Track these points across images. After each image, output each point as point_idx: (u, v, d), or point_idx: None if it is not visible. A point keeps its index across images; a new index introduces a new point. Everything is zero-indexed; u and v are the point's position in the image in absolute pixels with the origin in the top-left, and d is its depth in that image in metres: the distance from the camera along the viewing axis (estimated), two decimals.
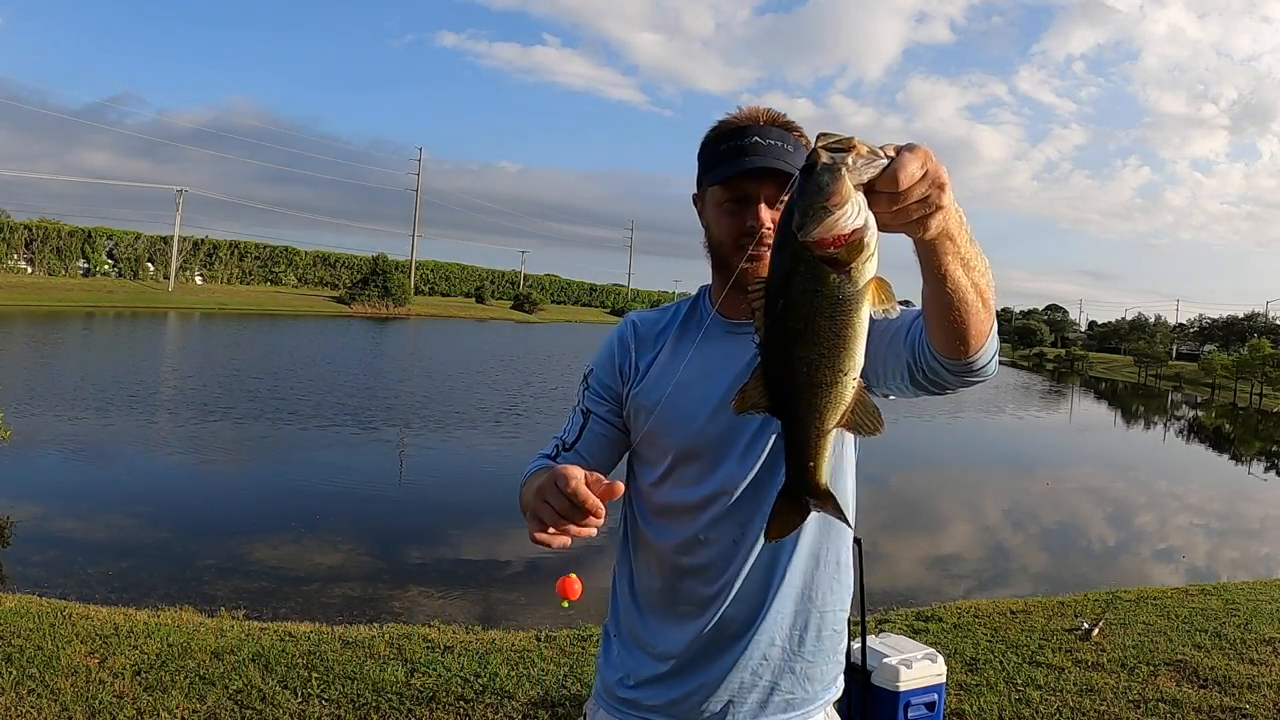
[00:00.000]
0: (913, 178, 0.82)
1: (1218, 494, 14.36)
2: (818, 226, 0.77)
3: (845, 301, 0.81)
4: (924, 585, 7.12)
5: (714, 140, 1.34)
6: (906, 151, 0.83)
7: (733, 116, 1.34)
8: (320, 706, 3.45)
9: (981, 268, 1.01)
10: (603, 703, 1.46)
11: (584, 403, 1.45)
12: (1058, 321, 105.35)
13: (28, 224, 50.17)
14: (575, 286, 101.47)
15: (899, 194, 0.82)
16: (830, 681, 1.44)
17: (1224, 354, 56.02)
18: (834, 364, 0.84)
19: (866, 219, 0.78)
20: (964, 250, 0.96)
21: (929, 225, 0.87)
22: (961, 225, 0.94)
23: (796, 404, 0.89)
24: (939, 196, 0.85)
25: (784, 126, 1.32)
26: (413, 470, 10.75)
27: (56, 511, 7.56)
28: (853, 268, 0.80)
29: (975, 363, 1.10)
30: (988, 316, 1.06)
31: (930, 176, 0.84)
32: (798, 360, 0.85)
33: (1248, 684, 4.09)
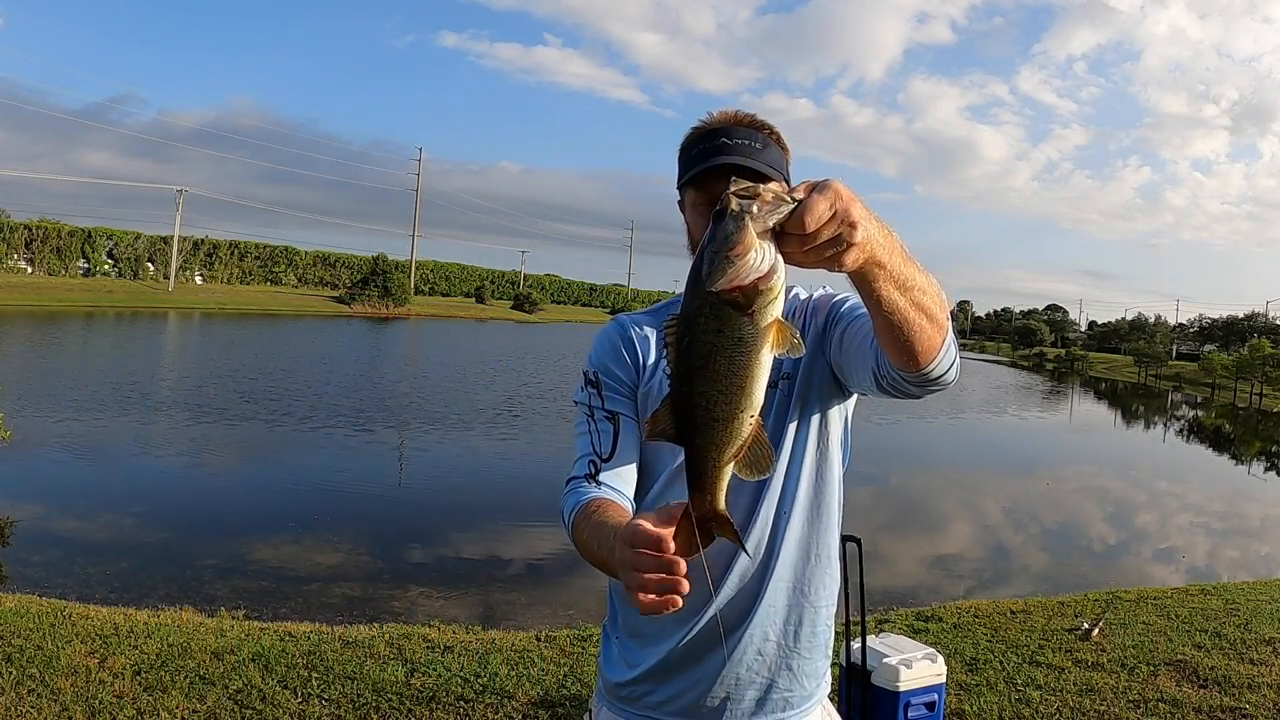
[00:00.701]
0: (820, 220, 0.83)
1: (1218, 494, 14.37)
2: (721, 276, 0.80)
3: (745, 343, 0.85)
4: (924, 585, 7.12)
5: (688, 145, 1.38)
6: (816, 193, 0.84)
7: (705, 121, 1.38)
8: (320, 706, 3.45)
9: (922, 284, 1.03)
10: (605, 701, 1.48)
11: (605, 405, 1.40)
12: (1058, 321, 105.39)
13: (28, 224, 50.19)
14: (575, 286, 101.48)
15: (807, 235, 0.84)
16: (822, 675, 1.47)
17: (1224, 354, 56.03)
18: (731, 401, 0.88)
19: (772, 265, 0.82)
20: (898, 273, 0.98)
21: (844, 261, 0.88)
22: (892, 250, 0.95)
23: (695, 435, 0.92)
24: (851, 234, 0.86)
25: (753, 125, 1.36)
26: (412, 470, 10.75)
27: (56, 511, 7.56)
28: (754, 311, 0.84)
29: (929, 374, 1.14)
30: (935, 331, 1.08)
31: (840, 216, 0.85)
32: (698, 394, 0.88)
33: (1248, 684, 4.09)
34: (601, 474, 1.35)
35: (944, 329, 1.10)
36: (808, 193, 0.85)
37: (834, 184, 0.86)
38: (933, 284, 1.06)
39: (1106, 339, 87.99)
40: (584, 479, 1.34)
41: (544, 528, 7.99)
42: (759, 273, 0.81)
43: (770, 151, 1.34)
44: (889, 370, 1.17)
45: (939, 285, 1.08)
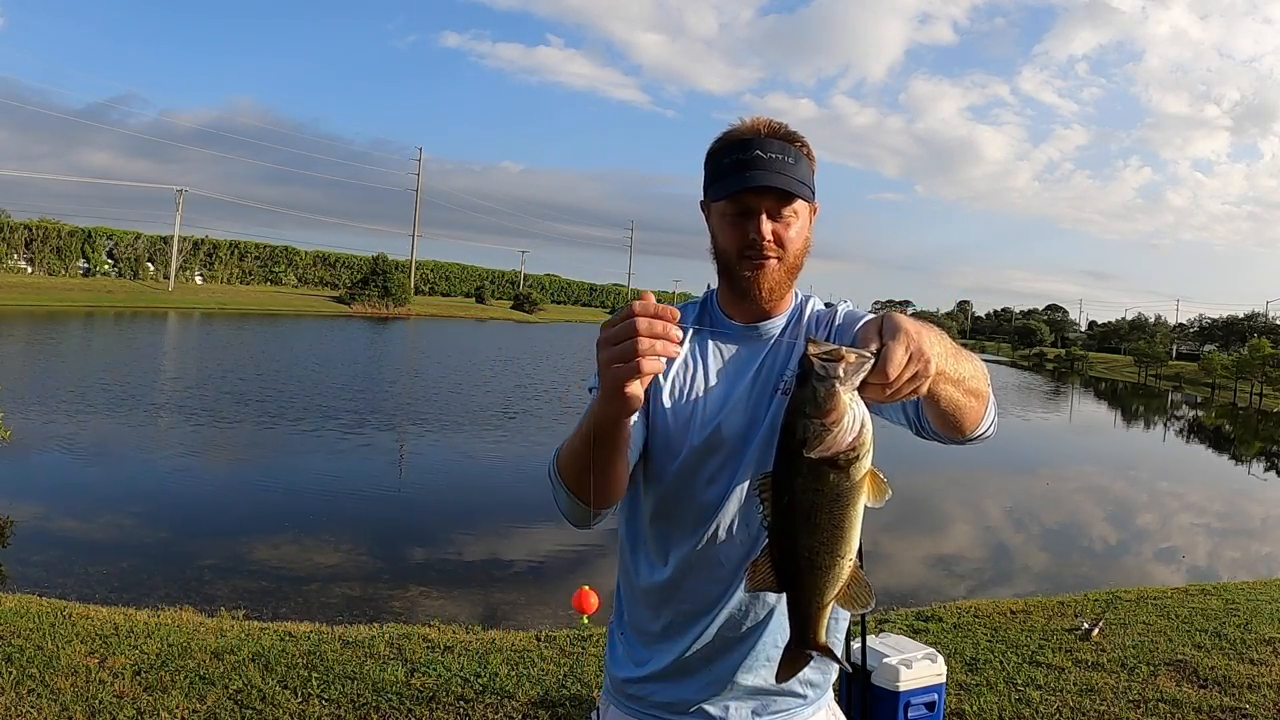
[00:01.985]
0: (900, 365, 0.86)
1: (1218, 494, 14.37)
2: (820, 444, 0.84)
3: (843, 496, 0.89)
4: (924, 585, 7.12)
5: (718, 152, 1.36)
6: (890, 340, 0.86)
7: (736, 128, 1.36)
8: (320, 706, 3.45)
9: (970, 372, 1.07)
10: (613, 699, 1.47)
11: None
12: (1058, 321, 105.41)
13: (28, 224, 50.19)
14: (575, 286, 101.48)
15: (889, 383, 0.86)
16: (829, 679, 1.46)
17: (1224, 354, 56.02)
18: (832, 550, 0.93)
19: (863, 421, 0.85)
20: (954, 373, 1.02)
21: (920, 391, 0.92)
22: (947, 355, 0.97)
23: (799, 582, 0.99)
24: (926, 368, 0.89)
25: (786, 138, 1.34)
26: (412, 470, 10.75)
27: (56, 511, 7.56)
28: (850, 469, 0.88)
29: (972, 436, 1.20)
30: (981, 406, 1.13)
31: (915, 355, 0.87)
32: (801, 547, 0.93)
33: (1248, 684, 4.09)
34: None
35: (987, 400, 1.14)
36: (879, 339, 0.87)
37: (901, 323, 0.88)
38: (978, 366, 1.10)
39: (1106, 339, 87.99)
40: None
41: (544, 528, 7.99)
42: (853, 434, 0.84)
43: (801, 165, 1.33)
44: (931, 432, 1.22)
45: (979, 362, 1.12)
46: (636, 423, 1.36)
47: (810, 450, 0.85)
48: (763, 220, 1.31)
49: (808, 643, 1.06)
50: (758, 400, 1.36)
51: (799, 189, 1.32)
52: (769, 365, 1.38)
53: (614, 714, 1.46)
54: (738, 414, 1.35)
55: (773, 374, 1.38)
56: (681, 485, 1.38)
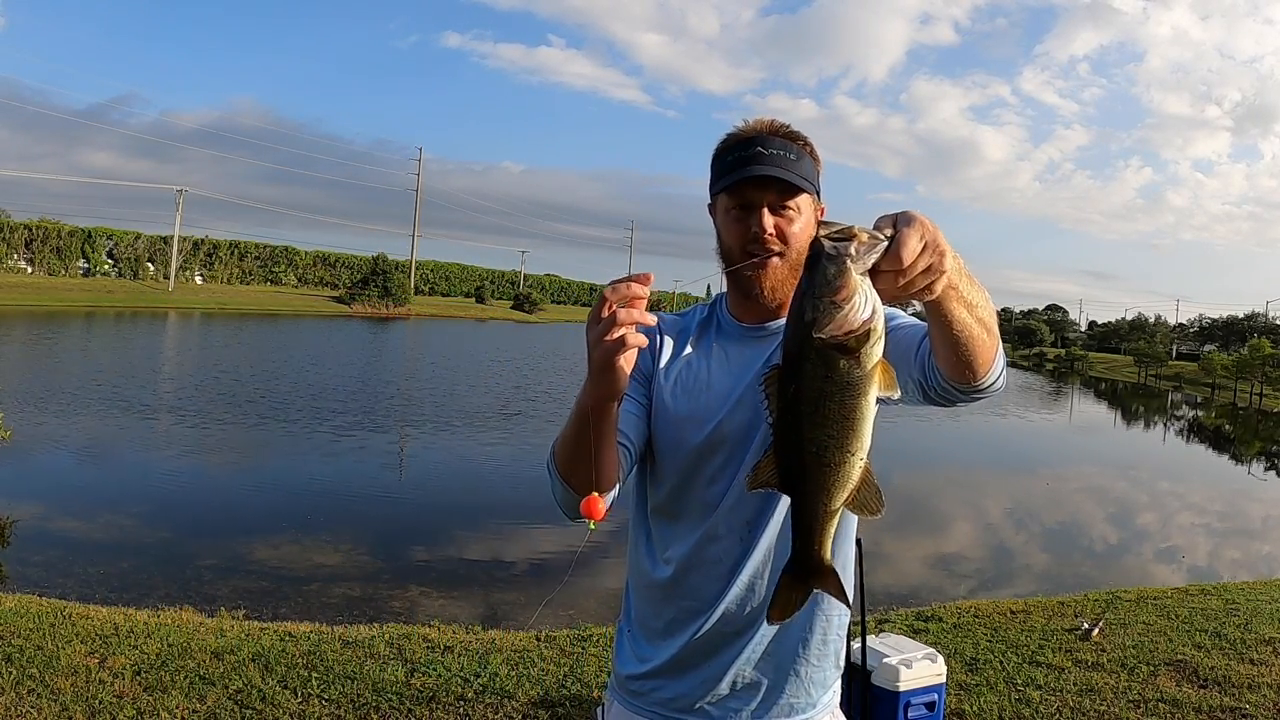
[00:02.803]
0: (914, 252, 0.84)
1: (1218, 494, 14.36)
2: (830, 323, 0.81)
3: (854, 385, 0.85)
4: (924, 585, 7.12)
5: (723, 151, 1.37)
6: (905, 226, 0.84)
7: (740, 128, 1.38)
8: (320, 706, 3.45)
9: (982, 301, 1.04)
10: (617, 695, 1.48)
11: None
12: (1058, 321, 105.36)
13: (28, 224, 50.19)
14: (575, 286, 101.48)
15: (904, 270, 0.85)
16: (831, 685, 1.46)
17: (1224, 354, 56.02)
18: (842, 445, 0.88)
19: (874, 306, 0.82)
20: (966, 294, 1.00)
21: (935, 289, 0.90)
22: (962, 272, 0.96)
23: (805, 483, 0.93)
24: (941, 262, 0.87)
25: (788, 136, 1.35)
26: (412, 470, 10.75)
27: (56, 511, 7.56)
28: (861, 354, 0.83)
29: (982, 384, 1.16)
30: (992, 343, 1.10)
31: (930, 246, 0.86)
32: (808, 441, 0.88)
33: (1248, 684, 4.09)
34: None
35: (998, 340, 1.12)
36: (894, 227, 0.85)
37: (916, 215, 0.86)
38: (988, 298, 1.07)
39: (1106, 339, 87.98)
40: None
41: (544, 528, 7.99)
42: (864, 315, 0.81)
43: (804, 163, 1.35)
44: (940, 381, 1.18)
45: (993, 309, 1.10)
46: (638, 418, 1.38)
47: (820, 330, 0.81)
48: (764, 214, 1.32)
49: (810, 558, 0.98)
50: (760, 401, 1.36)
51: (800, 182, 1.32)
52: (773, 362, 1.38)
53: (617, 710, 1.47)
54: (740, 413, 1.35)
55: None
56: (683, 483, 1.39)
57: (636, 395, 1.41)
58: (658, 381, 1.43)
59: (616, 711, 1.47)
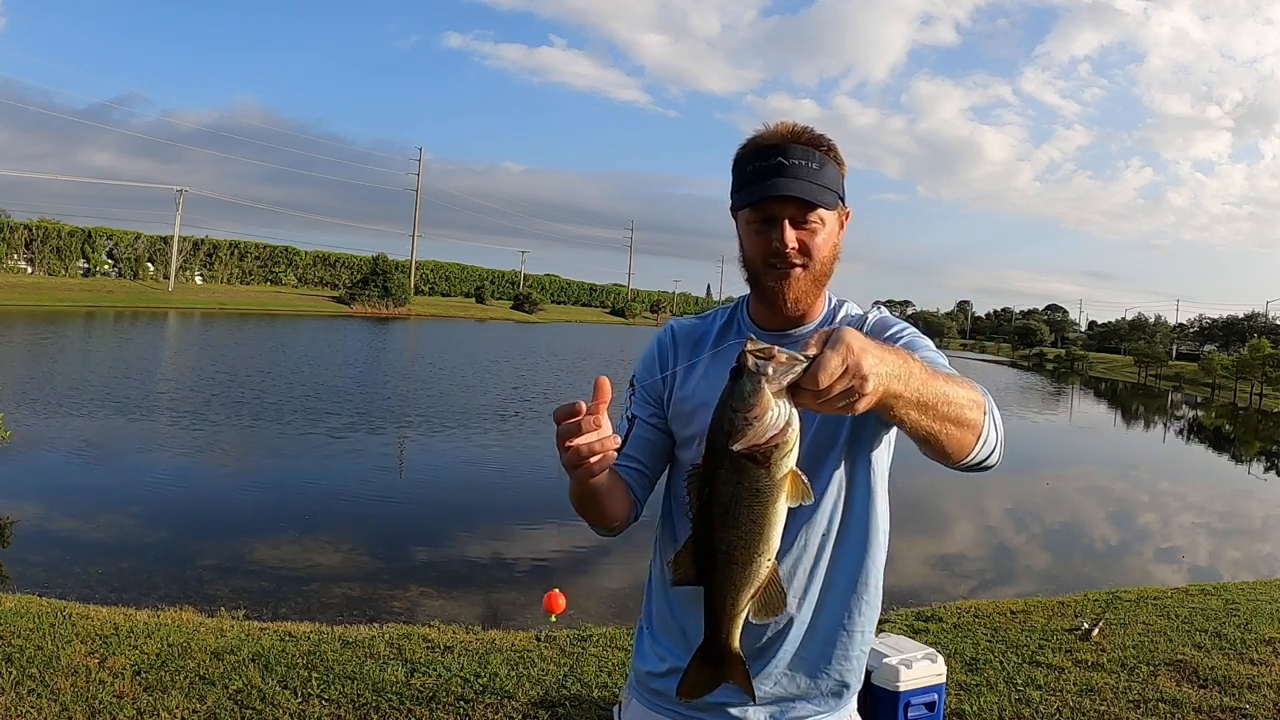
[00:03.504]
0: (832, 376, 0.86)
1: (1218, 494, 14.36)
2: (743, 436, 0.85)
3: (763, 493, 0.90)
4: (924, 585, 7.11)
5: (743, 159, 1.36)
6: (830, 349, 0.87)
7: (760, 134, 1.36)
8: (320, 706, 3.45)
9: (947, 396, 1.04)
10: (636, 693, 1.49)
11: (630, 409, 1.49)
12: (1058, 321, 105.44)
13: (28, 224, 50.18)
14: (575, 286, 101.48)
15: (820, 392, 0.87)
16: (854, 688, 1.47)
17: (1224, 354, 56.02)
18: (750, 546, 0.93)
19: (787, 420, 0.86)
20: (917, 397, 0.99)
21: (855, 408, 0.90)
22: (909, 377, 0.97)
23: (714, 578, 0.97)
24: (862, 386, 0.88)
25: (810, 143, 1.33)
26: (412, 470, 10.75)
27: (56, 511, 7.56)
28: (772, 464, 0.89)
29: (965, 465, 1.18)
30: (966, 434, 1.10)
31: (851, 370, 0.87)
32: (719, 540, 0.93)
33: (1248, 684, 4.09)
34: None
35: (977, 428, 1.11)
36: (821, 347, 0.87)
37: (846, 337, 0.88)
38: (961, 390, 1.07)
39: (1106, 339, 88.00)
40: None
41: (544, 528, 7.99)
42: (775, 430, 0.85)
43: (827, 170, 1.33)
44: (926, 454, 1.20)
45: (970, 386, 1.10)
46: (648, 440, 1.45)
47: (733, 443, 0.86)
48: (786, 228, 1.31)
49: (719, 646, 1.03)
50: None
51: (821, 196, 1.31)
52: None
53: (635, 707, 1.48)
54: None
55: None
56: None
57: (647, 417, 1.46)
58: (674, 395, 1.46)
59: (635, 709, 1.48)
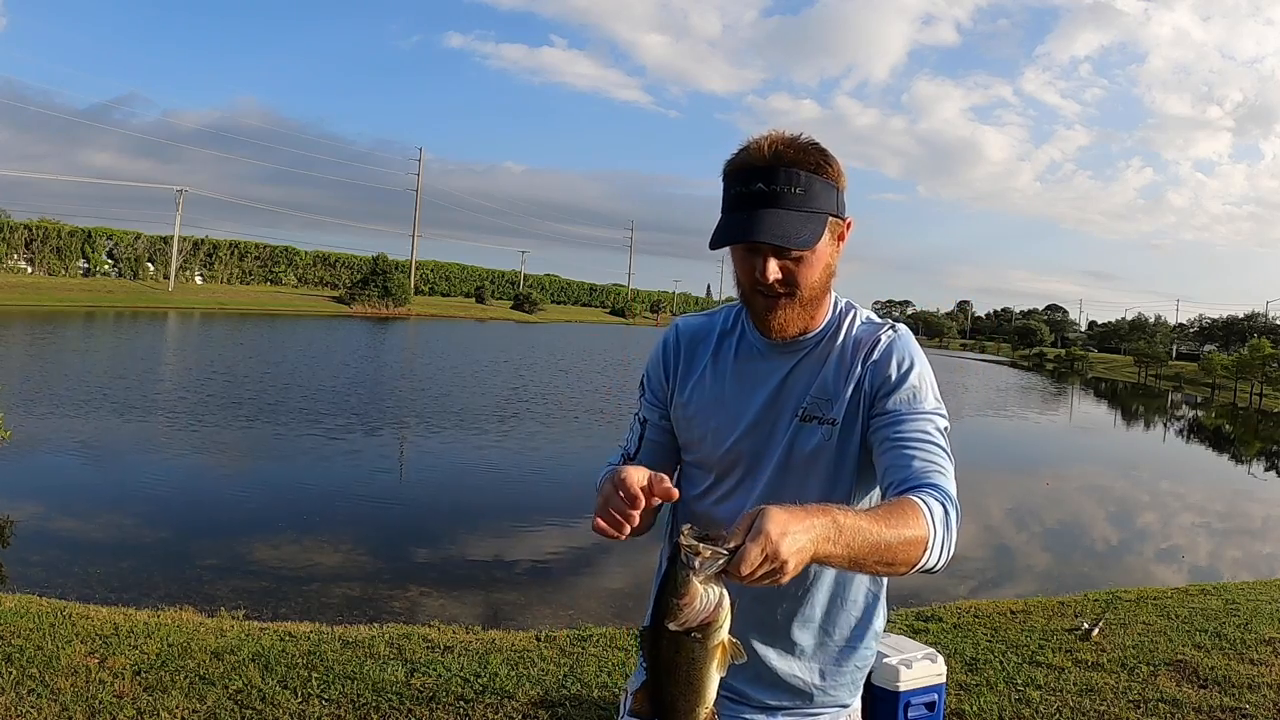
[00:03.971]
0: (752, 565, 0.96)
1: (1218, 494, 14.37)
2: (675, 617, 0.99)
3: (697, 660, 1.04)
4: (924, 585, 7.11)
5: (729, 178, 1.31)
6: (751, 541, 0.95)
7: (748, 152, 1.29)
8: (320, 706, 3.45)
9: (880, 550, 1.08)
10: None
11: (641, 411, 1.51)
12: (1058, 321, 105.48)
13: (28, 224, 50.19)
14: (575, 286, 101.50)
15: (743, 578, 0.97)
16: (857, 688, 1.50)
17: (1224, 354, 56.02)
18: (689, 699, 1.07)
19: (717, 603, 0.99)
20: (849, 554, 1.06)
21: (781, 583, 1.00)
22: (838, 542, 1.03)
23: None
24: (783, 569, 0.97)
25: (798, 161, 1.26)
26: (413, 470, 10.75)
27: (56, 511, 7.56)
28: (705, 639, 1.02)
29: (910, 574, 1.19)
30: (898, 569, 1.14)
31: (770, 558, 0.96)
32: (664, 692, 1.08)
33: (1248, 684, 4.09)
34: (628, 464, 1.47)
35: (912, 564, 1.14)
36: (743, 538, 0.96)
37: (767, 525, 0.95)
38: (903, 533, 1.10)
39: (1106, 339, 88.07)
40: (613, 465, 1.48)
41: (544, 528, 7.99)
42: (705, 613, 0.99)
43: (815, 192, 1.26)
44: None
45: (916, 522, 1.12)
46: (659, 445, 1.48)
47: (669, 622, 1.00)
48: (769, 263, 1.28)
49: None
50: (775, 423, 1.37)
51: (801, 232, 1.25)
52: (791, 385, 1.38)
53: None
54: (754, 438, 1.38)
55: (792, 395, 1.37)
56: (698, 498, 1.43)
57: (656, 420, 1.48)
58: (676, 399, 1.46)
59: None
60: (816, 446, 1.34)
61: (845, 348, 1.37)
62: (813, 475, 1.35)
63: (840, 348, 1.38)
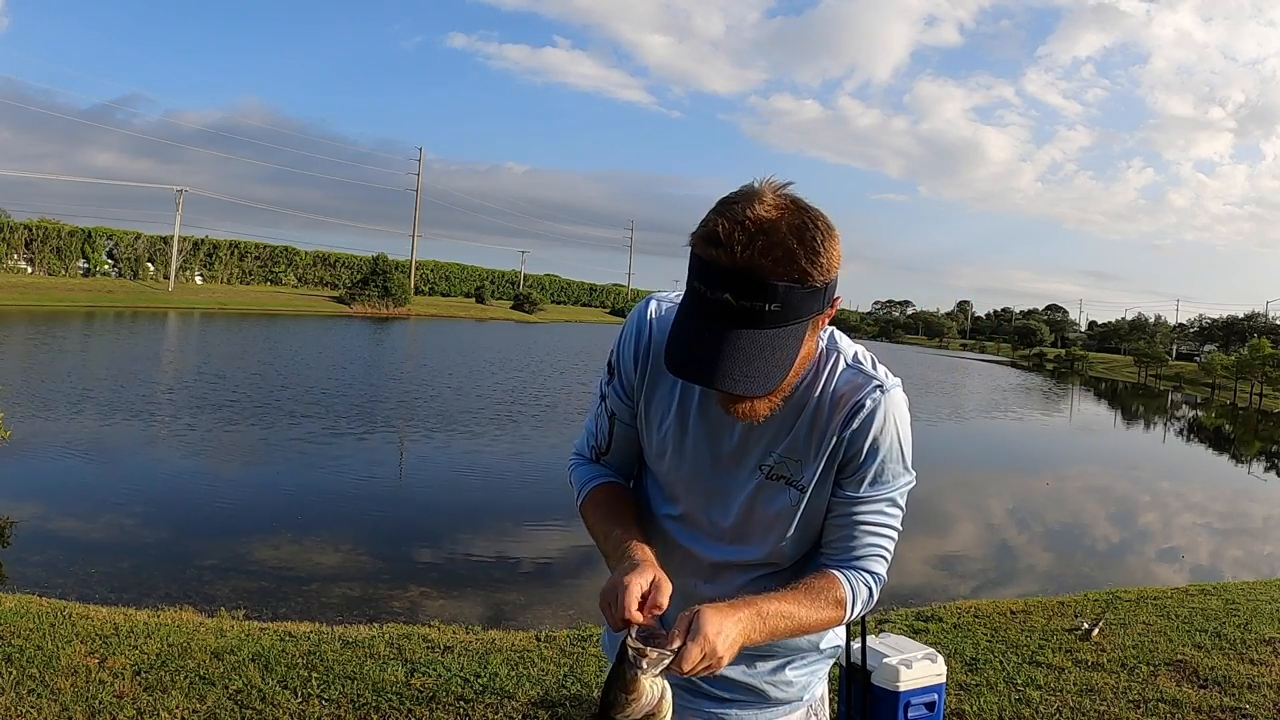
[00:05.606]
0: (692, 663, 1.07)
1: (1218, 494, 14.37)
2: (623, 711, 1.09)
3: None
4: (925, 585, 7.11)
5: (694, 261, 1.11)
6: (691, 641, 1.07)
7: (718, 238, 1.06)
8: (320, 706, 3.45)
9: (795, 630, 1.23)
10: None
11: (609, 400, 1.40)
12: (1058, 321, 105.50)
13: (28, 224, 50.16)
14: (575, 286, 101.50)
15: (685, 673, 1.08)
16: (811, 690, 1.47)
17: (1223, 354, 56.02)
18: None
19: (660, 695, 1.10)
20: (769, 636, 1.19)
21: (717, 671, 1.11)
22: (762, 631, 1.16)
23: None
24: (719, 664, 1.09)
25: (775, 272, 1.05)
26: (412, 470, 10.75)
27: (56, 511, 7.55)
28: None
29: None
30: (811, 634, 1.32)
31: (708, 656, 1.08)
32: None
33: (1248, 684, 4.09)
34: (601, 461, 1.45)
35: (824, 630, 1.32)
36: (683, 639, 1.07)
37: (705, 627, 1.07)
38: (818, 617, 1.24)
39: (1106, 339, 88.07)
40: (587, 458, 1.47)
41: (544, 528, 7.99)
42: (650, 706, 1.08)
43: (793, 303, 1.07)
44: None
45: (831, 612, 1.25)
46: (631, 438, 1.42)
47: (616, 715, 1.09)
48: (726, 399, 1.19)
49: None
50: (737, 468, 1.32)
51: (767, 379, 1.09)
52: (760, 432, 1.28)
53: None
54: (715, 483, 1.33)
55: (760, 442, 1.28)
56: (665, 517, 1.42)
57: (624, 417, 1.40)
58: (641, 404, 1.36)
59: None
60: (781, 509, 1.30)
61: (823, 403, 1.25)
62: (775, 530, 1.32)
63: (817, 402, 1.25)
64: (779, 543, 1.32)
